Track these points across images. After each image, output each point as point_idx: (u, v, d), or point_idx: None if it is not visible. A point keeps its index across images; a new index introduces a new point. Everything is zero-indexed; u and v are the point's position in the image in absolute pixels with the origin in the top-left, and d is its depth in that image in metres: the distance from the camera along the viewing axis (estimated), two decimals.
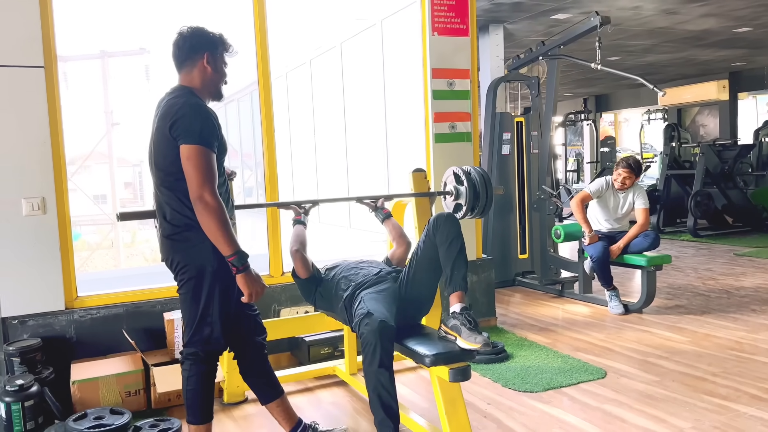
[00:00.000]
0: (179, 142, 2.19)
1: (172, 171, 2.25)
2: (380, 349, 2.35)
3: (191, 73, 2.36)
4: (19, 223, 3.26)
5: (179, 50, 2.36)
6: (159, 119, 2.28)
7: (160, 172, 2.30)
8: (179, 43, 2.35)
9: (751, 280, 5.88)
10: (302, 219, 3.09)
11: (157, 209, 2.38)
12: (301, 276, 2.98)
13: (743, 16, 7.49)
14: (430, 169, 4.35)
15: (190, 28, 2.37)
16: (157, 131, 2.29)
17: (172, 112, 2.23)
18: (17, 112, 3.24)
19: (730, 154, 9.28)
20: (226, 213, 2.21)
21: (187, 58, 2.35)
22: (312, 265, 3.02)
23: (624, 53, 9.70)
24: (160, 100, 2.37)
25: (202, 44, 2.35)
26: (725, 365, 3.59)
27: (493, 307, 4.66)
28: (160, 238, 2.38)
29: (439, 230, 2.59)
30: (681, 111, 14.26)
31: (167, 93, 2.36)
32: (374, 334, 2.36)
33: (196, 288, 2.32)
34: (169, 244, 2.33)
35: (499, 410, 3.07)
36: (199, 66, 2.35)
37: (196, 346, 2.38)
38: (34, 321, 3.32)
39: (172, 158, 2.23)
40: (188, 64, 2.35)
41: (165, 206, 2.31)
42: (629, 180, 4.94)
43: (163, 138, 2.25)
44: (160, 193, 2.33)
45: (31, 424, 2.97)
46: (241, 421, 3.10)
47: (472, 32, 4.44)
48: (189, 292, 2.34)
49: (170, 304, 3.59)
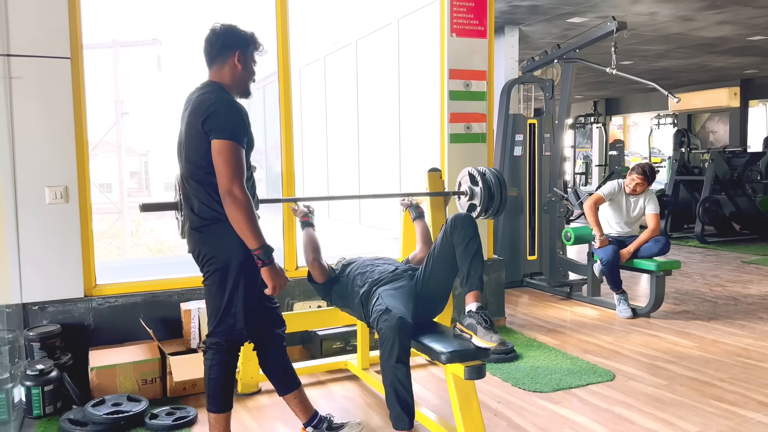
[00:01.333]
0: (211, 137, 2.24)
1: (202, 165, 2.30)
2: (398, 344, 2.40)
3: (222, 69, 2.40)
4: (41, 211, 3.32)
5: (211, 46, 2.40)
6: (191, 114, 2.32)
7: (190, 165, 2.35)
8: (212, 39, 2.40)
9: (758, 287, 5.91)
10: (310, 220, 3.14)
11: (183, 201, 2.43)
12: (319, 281, 3.04)
13: (758, 24, 7.50)
14: (445, 168, 4.39)
15: (223, 26, 2.41)
16: (188, 125, 2.33)
17: (204, 107, 2.27)
18: (44, 101, 3.29)
19: (739, 161, 9.28)
20: (253, 207, 2.27)
21: (219, 54, 2.39)
22: (328, 268, 3.07)
23: (637, 57, 9.71)
24: (190, 94, 2.42)
25: (235, 42, 2.39)
26: (732, 371, 3.63)
27: (502, 308, 4.70)
28: (187, 230, 2.43)
29: (456, 230, 2.63)
30: (691, 117, 14.26)
31: (198, 88, 2.41)
32: (392, 330, 2.40)
33: (222, 280, 2.37)
34: (196, 236, 2.38)
35: (510, 409, 3.12)
36: (230, 63, 2.39)
37: (219, 336, 2.43)
38: (54, 307, 3.38)
39: (203, 152, 2.28)
40: (219, 60, 2.39)
41: (193, 199, 2.36)
42: (641, 187, 4.98)
43: (195, 132, 2.29)
44: (189, 186, 2.37)
45: (50, 408, 3.03)
46: (255, 411, 3.15)
47: (489, 34, 4.47)
48: (215, 284, 2.39)
49: (187, 294, 3.65)
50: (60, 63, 3.31)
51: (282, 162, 3.98)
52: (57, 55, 3.30)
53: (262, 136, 10.33)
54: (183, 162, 2.39)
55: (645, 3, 6.32)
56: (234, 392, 3.30)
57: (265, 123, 10.09)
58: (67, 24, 3.32)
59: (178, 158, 2.43)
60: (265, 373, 2.69)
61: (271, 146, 9.84)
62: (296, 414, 2.71)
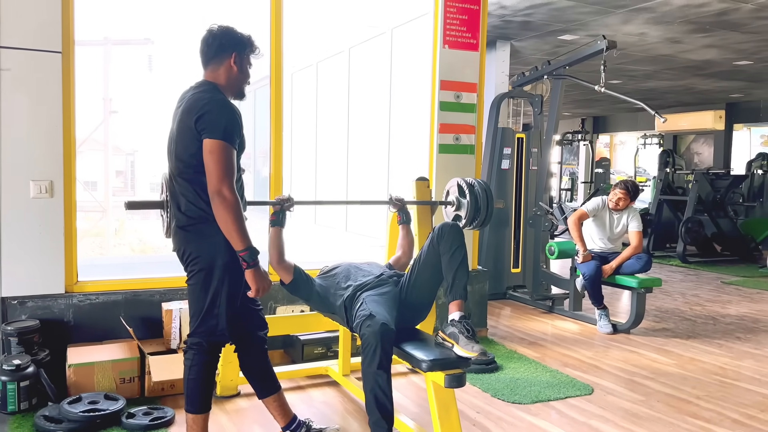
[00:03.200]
0: (203, 136, 2.24)
1: (192, 163, 2.30)
2: (380, 351, 2.40)
3: (217, 70, 2.41)
4: (25, 205, 3.29)
5: (208, 47, 2.41)
6: (183, 112, 2.32)
7: (180, 164, 2.34)
8: (209, 40, 2.41)
9: (737, 308, 5.99)
10: (279, 218, 2.91)
11: (170, 199, 2.42)
12: (286, 281, 2.92)
13: (745, 49, 7.64)
14: (433, 178, 4.42)
15: (220, 27, 2.43)
16: (180, 123, 2.33)
17: (198, 106, 2.28)
18: (32, 95, 3.28)
19: (722, 183, 9.42)
20: (241, 209, 2.27)
21: (216, 55, 2.40)
22: (293, 265, 2.94)
23: (626, 77, 9.84)
24: (183, 93, 2.42)
25: (231, 44, 2.41)
26: (709, 389, 3.67)
27: (485, 319, 4.72)
28: (173, 228, 2.42)
29: (443, 239, 2.65)
30: (677, 138, 14.45)
31: (192, 87, 2.42)
32: (375, 336, 2.41)
33: (206, 280, 2.36)
34: (182, 235, 2.38)
35: (488, 419, 3.13)
36: (226, 64, 2.40)
37: (200, 336, 2.42)
38: (33, 303, 3.34)
39: (194, 151, 2.28)
40: (215, 61, 2.41)
41: (180, 197, 2.36)
42: (623, 202, 5.03)
43: (187, 130, 2.29)
44: (177, 184, 2.37)
45: (25, 404, 3.00)
46: (234, 414, 3.14)
47: (481, 47, 4.52)
48: (198, 284, 2.38)
49: (169, 294, 3.63)
50: (51, 57, 3.30)
51: (271, 165, 3.98)
52: (48, 49, 3.29)
53: (252, 140, 10.31)
54: (173, 159, 2.39)
55: (635, 23, 6.42)
56: (213, 394, 3.29)
57: (255, 127, 10.08)
58: (59, 18, 3.31)
59: (167, 155, 2.42)
60: (246, 375, 2.68)
61: (260, 151, 9.83)
62: (275, 418, 2.70)
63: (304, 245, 7.58)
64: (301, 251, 7.38)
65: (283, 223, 2.93)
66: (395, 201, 3.35)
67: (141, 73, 17.48)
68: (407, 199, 3.60)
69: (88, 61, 15.14)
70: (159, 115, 19.89)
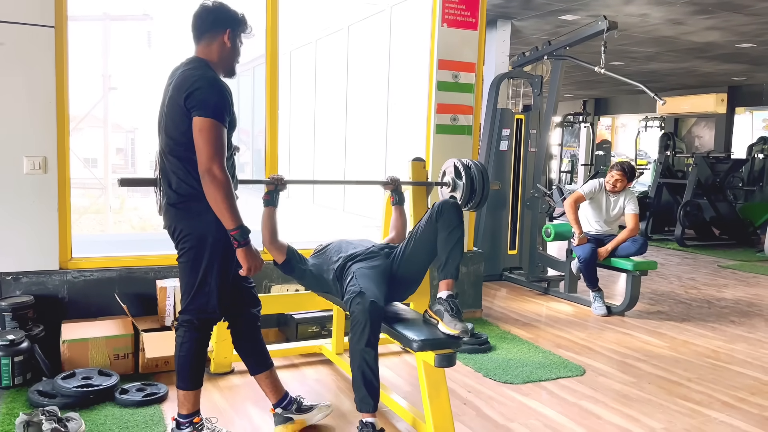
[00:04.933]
0: (193, 114, 2.22)
1: (182, 141, 2.28)
2: (369, 328, 2.42)
3: (210, 46, 2.39)
4: (19, 181, 3.29)
5: (202, 22, 2.38)
6: (173, 89, 2.30)
7: (170, 141, 2.33)
8: (203, 15, 2.38)
9: (733, 292, 6.00)
10: (272, 198, 2.88)
11: (161, 177, 2.41)
12: (279, 261, 2.92)
13: (748, 31, 7.56)
14: (429, 159, 4.40)
15: (215, 2, 2.40)
16: (170, 100, 2.31)
17: (188, 84, 2.25)
18: (25, 70, 3.25)
19: (722, 167, 9.39)
20: (232, 187, 2.26)
21: (208, 30, 2.38)
22: (287, 244, 2.95)
23: (627, 59, 9.75)
24: (174, 69, 2.39)
25: (226, 20, 2.39)
26: (700, 372, 3.69)
27: (479, 299, 4.74)
28: (164, 205, 2.41)
29: (443, 216, 2.64)
30: (678, 120, 14.36)
31: (183, 63, 2.39)
32: (365, 314, 2.42)
33: (197, 257, 2.36)
34: (173, 213, 2.37)
35: (479, 398, 3.15)
36: (219, 40, 2.38)
37: (191, 314, 2.42)
38: (28, 278, 3.35)
39: (184, 129, 2.26)
40: (208, 36, 2.38)
41: (171, 174, 2.35)
42: (621, 183, 5.02)
43: (177, 108, 2.27)
44: (167, 161, 2.36)
45: (20, 379, 3.02)
46: (227, 391, 3.16)
47: (481, 26, 4.47)
48: (189, 261, 2.38)
49: (163, 271, 3.63)
50: (43, 31, 3.26)
51: (266, 144, 3.97)
52: (40, 23, 3.25)
53: (251, 118, 10.27)
54: (163, 136, 2.37)
55: (637, 4, 6.34)
56: (206, 371, 3.31)
57: (254, 105, 10.04)
58: None
59: (158, 132, 2.41)
60: (238, 351, 2.69)
61: (259, 130, 9.79)
62: (267, 394, 2.72)
63: (302, 225, 7.59)
64: (299, 231, 7.41)
65: (276, 203, 2.90)
66: (389, 181, 3.34)
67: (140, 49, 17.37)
68: (404, 180, 3.60)
69: (87, 37, 15.04)
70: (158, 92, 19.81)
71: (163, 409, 2.86)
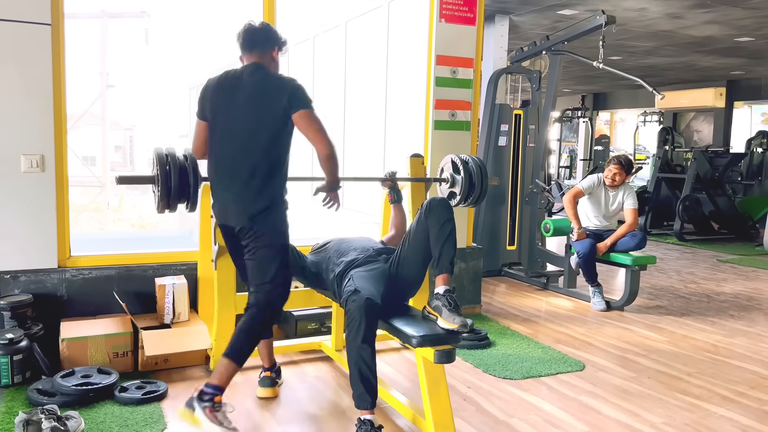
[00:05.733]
0: (298, 109, 2.54)
1: (275, 139, 2.57)
2: (364, 325, 2.42)
3: (263, 57, 2.68)
4: (16, 179, 3.28)
5: (253, 36, 2.68)
6: (274, 91, 2.56)
7: (263, 140, 2.55)
8: (253, 32, 2.69)
9: (732, 286, 6.01)
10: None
11: (241, 173, 2.56)
12: None
13: (746, 25, 7.55)
14: (428, 155, 4.39)
15: (263, 23, 2.78)
16: (266, 100, 2.56)
17: (285, 85, 2.58)
18: (21, 68, 3.24)
19: (721, 161, 9.39)
20: None
21: (261, 45, 2.68)
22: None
23: (626, 53, 9.74)
24: (238, 75, 2.63)
25: (275, 39, 2.72)
26: (700, 366, 3.69)
27: (479, 295, 4.74)
28: (241, 202, 2.57)
29: (432, 213, 2.64)
30: (677, 115, 14.36)
31: (252, 69, 2.63)
32: (360, 311, 2.43)
33: (275, 249, 2.61)
34: (257, 208, 2.56)
35: (479, 394, 3.15)
36: (269, 54, 2.70)
37: (261, 298, 2.65)
38: (26, 277, 3.35)
39: (280, 126, 2.56)
40: (259, 49, 2.67)
41: (257, 171, 2.55)
42: (620, 176, 5.02)
43: (278, 107, 2.54)
44: (251, 160, 2.55)
45: (19, 378, 3.01)
46: (228, 389, 3.15)
47: (479, 22, 4.46)
48: (269, 253, 2.60)
49: (162, 269, 3.63)
50: (39, 29, 3.25)
51: None
52: (37, 21, 3.24)
53: None
54: (251, 137, 2.55)
55: None
56: (206, 368, 3.32)
57: None
58: None
59: (238, 135, 2.57)
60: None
61: None
62: (261, 358, 3.08)
63: (299, 222, 7.57)
64: (298, 227, 7.38)
65: None
66: (386, 178, 3.35)
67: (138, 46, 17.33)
68: (403, 176, 3.59)
69: (85, 34, 15.00)
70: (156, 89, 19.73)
71: (163, 407, 2.86)
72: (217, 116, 2.64)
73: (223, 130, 2.62)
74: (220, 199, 2.68)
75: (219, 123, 2.64)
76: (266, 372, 3.09)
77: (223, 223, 2.73)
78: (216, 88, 2.66)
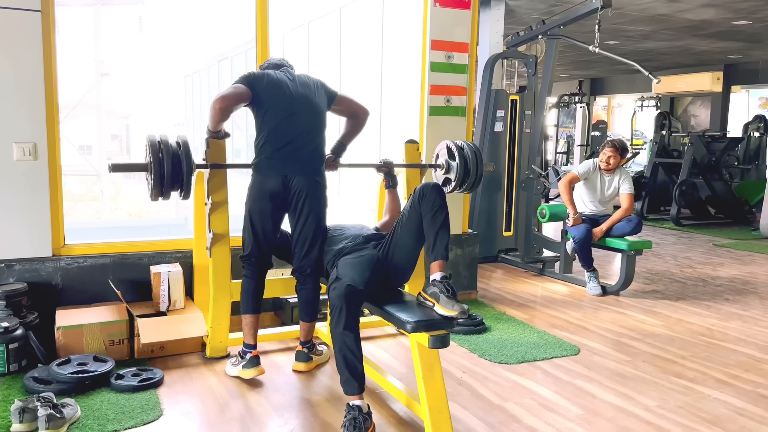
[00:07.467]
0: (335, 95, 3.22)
1: (325, 123, 3.14)
2: (345, 311, 2.44)
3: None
4: (9, 168, 3.26)
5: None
6: (316, 87, 3.11)
7: (322, 125, 3.11)
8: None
9: (728, 270, 6.02)
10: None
11: (309, 154, 3.05)
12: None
13: (743, 8, 7.51)
14: (423, 141, 4.38)
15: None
16: (317, 93, 3.10)
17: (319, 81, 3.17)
18: (11, 55, 3.21)
19: (718, 146, 9.38)
20: None
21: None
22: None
23: (623, 38, 9.69)
24: (290, 75, 3.10)
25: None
26: (695, 350, 3.71)
27: (474, 281, 4.74)
28: (310, 176, 3.02)
29: (425, 199, 2.63)
30: (674, 100, 14.31)
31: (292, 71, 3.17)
32: (340, 298, 2.45)
33: (324, 214, 3.09)
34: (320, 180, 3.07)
35: (474, 379, 3.17)
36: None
37: (311, 263, 3.04)
38: (21, 266, 3.34)
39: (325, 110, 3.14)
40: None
41: (320, 150, 3.11)
42: (614, 159, 5.00)
43: (327, 97, 3.16)
44: (315, 143, 3.09)
45: (15, 366, 3.02)
46: (222, 375, 3.16)
47: (474, 6, 4.43)
48: (321, 218, 3.07)
49: (157, 257, 3.63)
50: (29, 16, 3.22)
51: None
52: (26, 8, 3.20)
53: None
54: (315, 123, 3.08)
55: None
56: (202, 356, 3.33)
57: None
58: None
59: (304, 122, 3.03)
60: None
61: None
62: (301, 334, 3.25)
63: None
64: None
65: None
66: (382, 164, 3.35)
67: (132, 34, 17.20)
68: (398, 162, 3.58)
69: (78, 22, 14.86)
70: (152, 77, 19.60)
71: (159, 394, 2.87)
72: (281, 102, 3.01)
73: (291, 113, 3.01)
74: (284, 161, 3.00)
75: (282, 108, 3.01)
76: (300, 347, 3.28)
77: (282, 174, 2.98)
78: (276, 81, 3.03)
